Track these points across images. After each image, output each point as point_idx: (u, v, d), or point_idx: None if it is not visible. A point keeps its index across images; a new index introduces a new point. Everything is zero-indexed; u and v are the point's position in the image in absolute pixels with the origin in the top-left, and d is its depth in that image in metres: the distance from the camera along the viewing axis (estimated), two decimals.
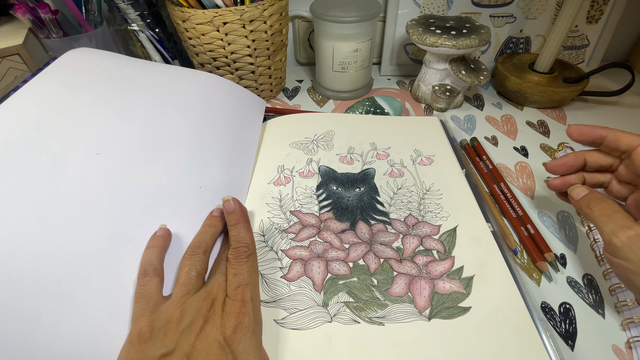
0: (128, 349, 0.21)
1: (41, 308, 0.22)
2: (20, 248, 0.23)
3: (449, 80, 0.49)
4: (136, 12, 0.47)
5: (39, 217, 0.24)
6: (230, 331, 0.21)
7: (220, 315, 0.21)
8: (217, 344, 0.20)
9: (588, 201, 0.26)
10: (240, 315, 0.21)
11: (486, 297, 0.26)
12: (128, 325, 0.23)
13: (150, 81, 0.36)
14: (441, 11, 0.53)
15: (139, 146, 0.30)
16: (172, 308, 0.22)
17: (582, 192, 0.27)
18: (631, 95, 0.52)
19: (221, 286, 0.23)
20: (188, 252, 0.26)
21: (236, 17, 0.40)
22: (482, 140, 0.45)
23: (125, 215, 0.27)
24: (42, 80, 0.32)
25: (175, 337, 0.21)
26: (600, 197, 0.26)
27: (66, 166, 0.27)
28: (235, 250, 0.25)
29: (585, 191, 0.27)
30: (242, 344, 0.20)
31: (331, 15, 0.44)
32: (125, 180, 0.28)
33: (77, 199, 0.26)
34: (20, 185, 0.25)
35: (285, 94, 0.55)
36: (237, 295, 0.22)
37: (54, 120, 0.29)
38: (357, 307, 0.26)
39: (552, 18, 0.53)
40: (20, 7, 0.41)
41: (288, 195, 0.34)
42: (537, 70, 0.49)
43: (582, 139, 0.28)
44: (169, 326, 0.21)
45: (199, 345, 0.20)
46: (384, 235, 0.31)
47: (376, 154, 0.39)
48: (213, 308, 0.22)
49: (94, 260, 0.24)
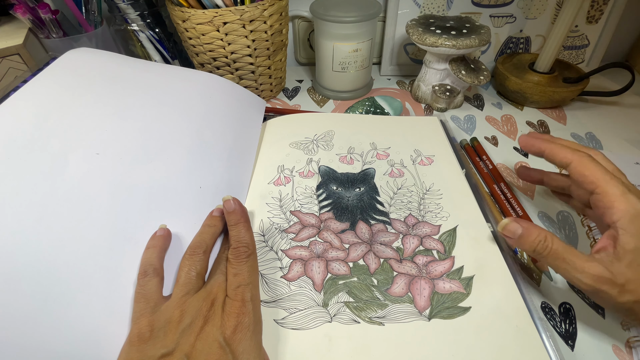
0: (128, 349, 0.21)
1: (41, 308, 0.22)
2: (20, 248, 0.23)
3: (449, 80, 0.49)
4: (136, 12, 0.47)
5: (38, 217, 0.24)
6: (230, 331, 0.21)
7: (221, 315, 0.21)
8: (217, 344, 0.20)
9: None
10: (241, 315, 0.21)
11: (486, 297, 0.26)
12: (128, 326, 0.23)
13: (150, 81, 0.36)
14: (441, 11, 0.53)
15: (139, 146, 0.30)
16: (172, 308, 0.22)
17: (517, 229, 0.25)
18: (631, 95, 0.52)
19: (221, 286, 0.23)
20: (188, 252, 0.26)
21: (236, 17, 0.40)
22: (482, 140, 0.45)
23: (126, 215, 0.27)
24: (42, 80, 0.32)
25: (176, 337, 0.21)
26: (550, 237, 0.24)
27: (66, 166, 0.27)
28: (235, 250, 0.25)
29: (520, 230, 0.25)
30: (242, 343, 0.20)
31: (331, 15, 0.44)
32: (125, 180, 0.28)
33: (77, 199, 0.26)
34: (21, 186, 0.25)
35: (285, 94, 0.55)
36: (237, 295, 0.22)
37: (54, 120, 0.29)
38: (357, 307, 0.26)
39: (552, 18, 0.53)
40: (20, 7, 0.41)
41: (288, 195, 0.34)
42: (537, 70, 0.49)
43: (528, 150, 0.29)
44: (169, 326, 0.21)
45: (199, 346, 0.20)
46: (384, 235, 0.31)
47: (376, 153, 0.39)
48: (213, 308, 0.22)
49: (94, 261, 0.24)
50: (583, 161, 0.24)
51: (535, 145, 0.28)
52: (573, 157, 0.25)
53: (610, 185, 0.23)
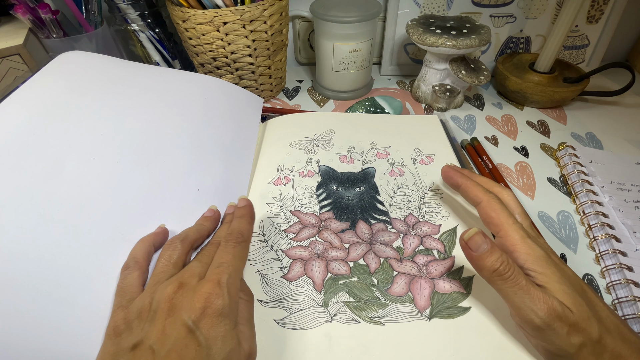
0: (105, 343, 0.21)
1: (41, 311, 0.22)
2: (19, 253, 0.23)
3: (449, 80, 0.49)
4: (136, 12, 0.47)
5: (36, 222, 0.24)
6: (198, 313, 0.19)
7: (191, 298, 0.20)
8: (185, 328, 0.19)
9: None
10: (212, 296, 0.20)
11: (486, 297, 0.26)
12: None
13: (145, 84, 0.36)
14: (441, 11, 0.53)
15: (135, 149, 0.30)
16: (143, 297, 0.22)
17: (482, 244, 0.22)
18: (631, 95, 0.52)
19: (194, 271, 0.22)
20: (167, 243, 0.25)
21: (236, 17, 0.40)
22: (483, 140, 0.45)
23: (123, 218, 0.27)
24: (35, 84, 0.31)
25: (145, 326, 0.20)
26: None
27: (62, 171, 0.27)
28: (229, 235, 0.25)
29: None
30: (214, 328, 0.19)
31: (331, 15, 0.44)
32: (122, 184, 0.28)
33: (74, 204, 0.26)
34: (18, 191, 0.25)
35: (286, 94, 0.55)
36: (213, 276, 0.21)
37: (49, 124, 0.29)
38: (357, 306, 0.26)
39: (552, 18, 0.53)
40: (21, 7, 0.41)
41: (288, 195, 0.34)
42: (537, 70, 0.49)
43: (447, 181, 0.31)
44: (141, 316, 0.21)
45: (168, 330, 0.19)
46: (384, 234, 0.31)
47: (376, 153, 0.39)
48: (181, 291, 0.21)
49: (93, 264, 0.24)
50: (491, 203, 0.25)
51: (453, 178, 0.29)
52: (483, 198, 0.26)
53: (511, 229, 0.23)
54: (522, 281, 0.21)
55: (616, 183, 0.36)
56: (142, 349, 0.19)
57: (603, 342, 0.20)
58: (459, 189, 0.29)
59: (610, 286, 0.28)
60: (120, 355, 0.20)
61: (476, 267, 0.23)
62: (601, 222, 0.32)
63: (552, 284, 0.21)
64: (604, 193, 0.35)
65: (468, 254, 0.23)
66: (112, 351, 0.20)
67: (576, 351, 0.20)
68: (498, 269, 0.21)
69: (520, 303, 0.21)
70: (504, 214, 0.24)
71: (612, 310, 0.22)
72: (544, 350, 0.22)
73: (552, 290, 0.21)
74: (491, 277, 0.22)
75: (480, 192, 0.26)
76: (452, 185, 0.30)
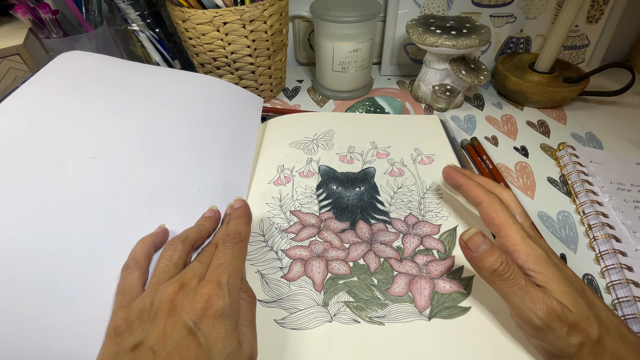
0: (106, 343, 0.21)
1: (41, 312, 0.22)
2: (19, 253, 0.23)
3: (449, 80, 0.49)
4: (136, 12, 0.47)
5: (37, 222, 0.24)
6: (199, 314, 0.19)
7: (192, 298, 0.20)
8: (186, 328, 0.19)
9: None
10: (213, 297, 0.20)
11: (486, 297, 0.26)
12: None
13: (144, 84, 0.36)
14: (441, 11, 0.53)
15: (135, 150, 0.30)
16: (144, 298, 0.21)
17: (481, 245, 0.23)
18: (631, 95, 0.52)
19: (195, 272, 0.22)
20: (167, 243, 0.25)
21: (236, 17, 0.40)
22: (482, 140, 0.45)
23: (123, 218, 0.27)
24: (34, 84, 0.31)
25: (146, 326, 0.20)
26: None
27: (62, 170, 0.27)
28: (226, 235, 0.25)
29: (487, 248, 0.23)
30: (215, 329, 0.19)
31: (331, 15, 0.44)
32: (122, 183, 0.28)
33: (74, 204, 0.26)
34: (18, 191, 0.25)
35: (286, 94, 0.55)
36: (213, 277, 0.21)
37: (48, 125, 0.29)
38: (357, 306, 0.26)
39: (552, 18, 0.53)
40: (21, 7, 0.41)
41: (288, 195, 0.34)
42: (537, 70, 0.49)
43: (448, 182, 0.31)
44: (142, 316, 0.21)
45: (169, 331, 0.19)
46: (384, 234, 0.31)
47: (376, 153, 0.39)
48: (182, 292, 0.21)
49: (93, 264, 0.24)
50: (492, 204, 0.25)
51: (454, 179, 0.30)
52: (484, 198, 0.26)
53: (512, 229, 0.23)
54: (522, 281, 0.21)
55: (616, 183, 0.36)
56: (142, 350, 0.19)
57: (602, 343, 0.20)
58: (460, 189, 0.29)
59: (610, 286, 0.28)
60: (121, 355, 0.20)
61: (475, 268, 0.23)
62: (601, 222, 0.32)
63: (551, 284, 0.21)
64: (603, 193, 0.35)
65: (467, 255, 0.23)
66: (112, 351, 0.20)
67: (576, 351, 0.20)
68: (497, 269, 0.21)
69: (519, 303, 0.21)
70: (504, 214, 0.24)
71: (611, 310, 0.22)
72: (543, 350, 0.22)
73: (552, 290, 0.21)
74: (491, 277, 0.22)
75: (482, 193, 0.27)
76: (453, 186, 0.30)
